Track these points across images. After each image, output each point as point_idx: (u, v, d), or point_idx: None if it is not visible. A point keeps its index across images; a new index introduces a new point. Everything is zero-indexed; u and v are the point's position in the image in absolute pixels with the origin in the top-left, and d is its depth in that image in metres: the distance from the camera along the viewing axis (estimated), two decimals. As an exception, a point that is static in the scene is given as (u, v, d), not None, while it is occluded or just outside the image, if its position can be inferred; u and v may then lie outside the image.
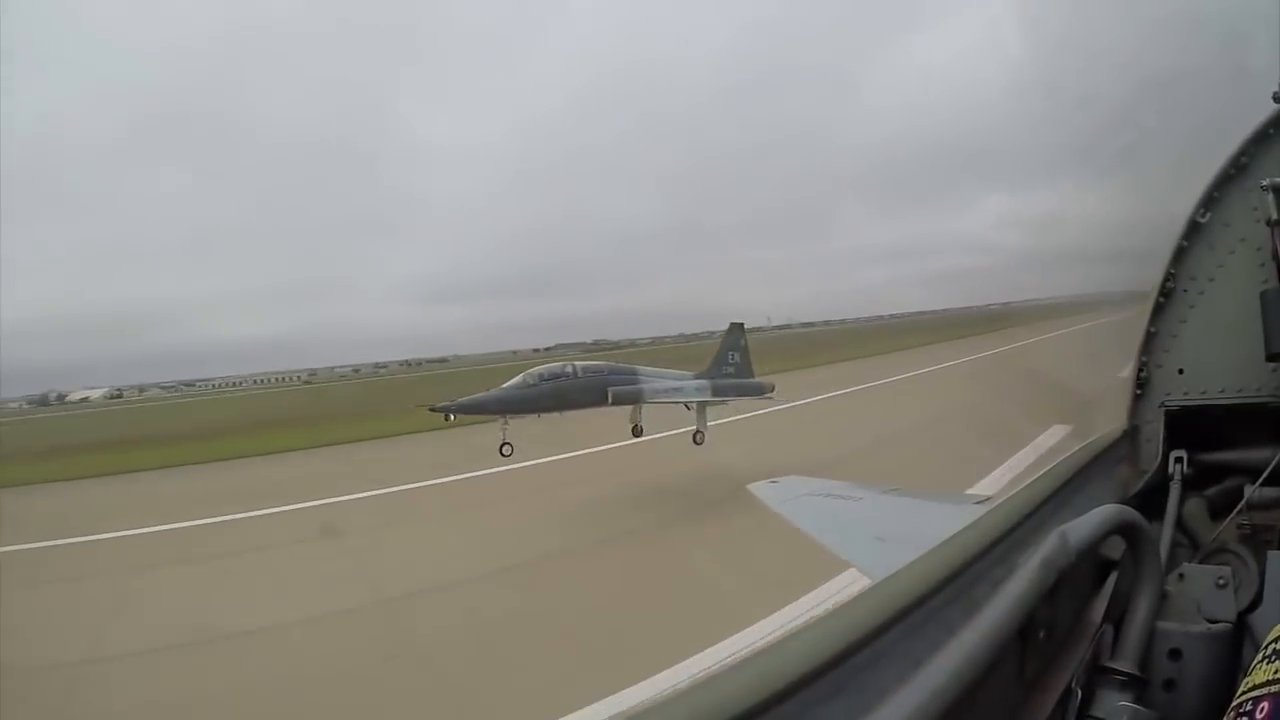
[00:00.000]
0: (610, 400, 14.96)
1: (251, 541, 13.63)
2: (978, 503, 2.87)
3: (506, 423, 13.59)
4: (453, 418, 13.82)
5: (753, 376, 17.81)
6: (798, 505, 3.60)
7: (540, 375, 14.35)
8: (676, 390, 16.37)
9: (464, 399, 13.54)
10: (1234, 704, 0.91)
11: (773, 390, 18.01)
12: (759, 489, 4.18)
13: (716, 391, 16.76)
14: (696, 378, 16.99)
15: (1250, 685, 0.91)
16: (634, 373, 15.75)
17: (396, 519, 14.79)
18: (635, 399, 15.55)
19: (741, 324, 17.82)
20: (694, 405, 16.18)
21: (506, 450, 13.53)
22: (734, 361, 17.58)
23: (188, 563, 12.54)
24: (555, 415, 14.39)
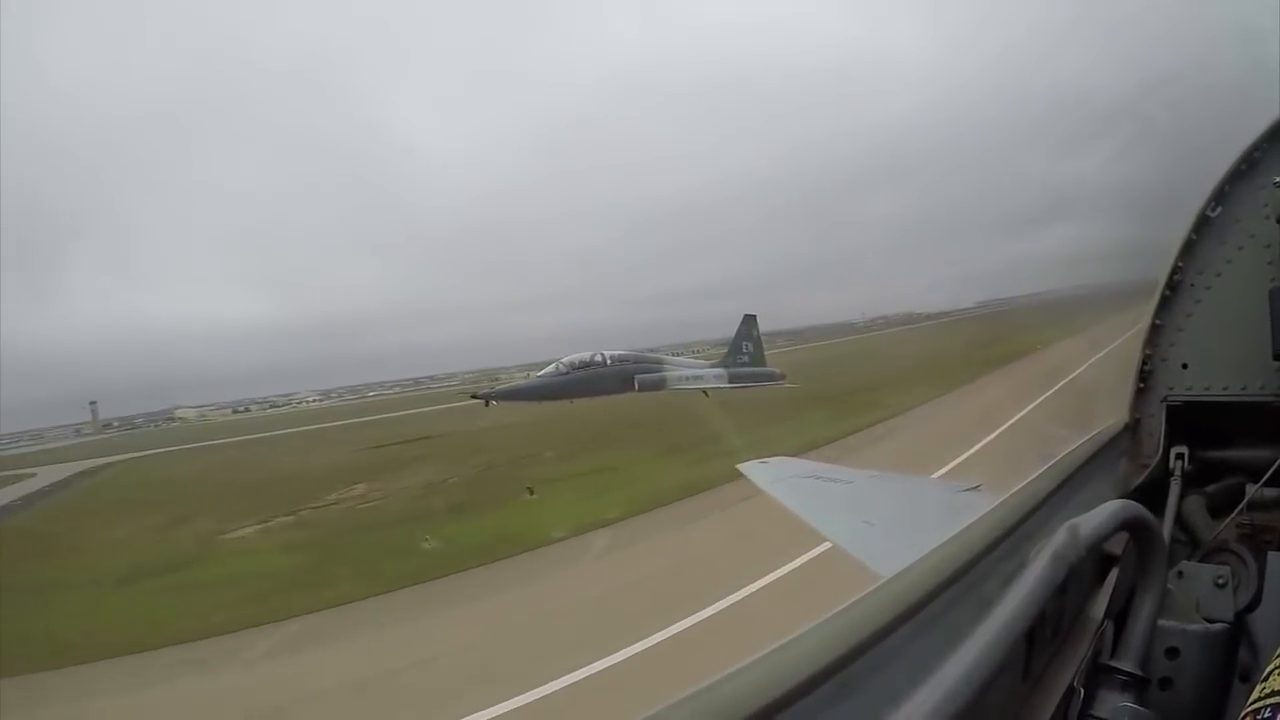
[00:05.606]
0: (636, 387, 17.29)
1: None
2: (966, 489, 2.91)
3: None
4: (491, 403, 15.99)
5: (764, 365, 19.88)
6: (787, 486, 3.64)
7: (571, 364, 16.86)
8: (697, 378, 18.63)
9: (502, 387, 16.08)
10: (1249, 709, 0.87)
11: (784, 378, 20.04)
12: (749, 468, 4.13)
13: (732, 379, 18.94)
14: (713, 366, 19.20)
15: (1267, 691, 0.87)
16: (659, 363, 18.10)
17: None
18: (659, 386, 17.96)
19: (754, 316, 19.99)
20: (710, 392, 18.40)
21: None
22: (748, 351, 19.79)
23: None
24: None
